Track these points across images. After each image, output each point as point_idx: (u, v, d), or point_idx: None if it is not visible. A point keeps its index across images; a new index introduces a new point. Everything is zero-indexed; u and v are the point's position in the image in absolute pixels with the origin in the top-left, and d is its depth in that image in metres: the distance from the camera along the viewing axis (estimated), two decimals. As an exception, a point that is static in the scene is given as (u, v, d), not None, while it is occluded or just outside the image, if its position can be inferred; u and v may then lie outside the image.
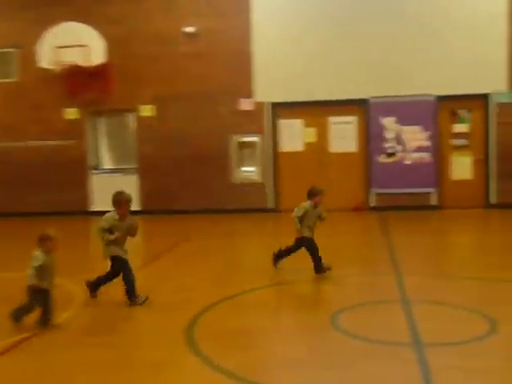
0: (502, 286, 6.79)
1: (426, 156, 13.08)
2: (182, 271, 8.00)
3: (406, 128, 13.09)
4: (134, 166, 14.15)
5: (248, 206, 13.55)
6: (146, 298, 6.27)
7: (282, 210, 13.46)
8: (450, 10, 12.88)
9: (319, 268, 7.31)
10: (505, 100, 12.73)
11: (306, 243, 7.40)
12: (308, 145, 13.59)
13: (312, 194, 7.44)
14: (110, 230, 6.24)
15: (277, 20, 13.38)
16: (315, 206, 7.39)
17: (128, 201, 6.33)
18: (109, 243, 6.24)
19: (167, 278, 7.62)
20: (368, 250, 9.56)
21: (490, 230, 11.79)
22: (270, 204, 13.67)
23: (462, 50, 12.77)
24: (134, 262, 6.63)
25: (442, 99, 12.93)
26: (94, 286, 6.49)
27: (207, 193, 13.74)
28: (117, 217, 6.28)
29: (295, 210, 7.42)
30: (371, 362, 4.60)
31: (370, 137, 13.24)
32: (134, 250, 10.41)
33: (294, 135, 13.59)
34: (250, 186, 13.70)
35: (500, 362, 4.59)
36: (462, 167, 13.19)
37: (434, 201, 13.17)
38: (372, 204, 13.36)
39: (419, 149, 13.09)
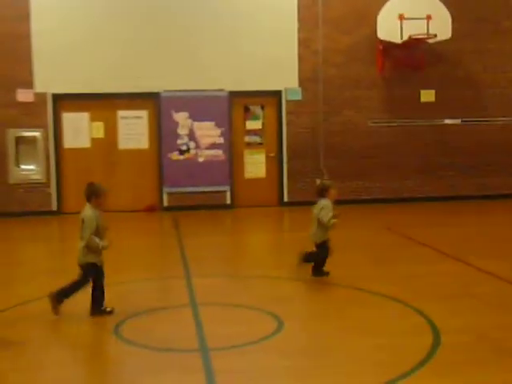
0: (289, 283, 7.24)
1: (219, 153, 13.48)
2: None
3: (199, 124, 13.37)
4: None
5: (29, 209, 12.93)
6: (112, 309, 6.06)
7: (67, 212, 13.06)
8: (244, 7, 13.36)
9: (319, 271, 7.30)
10: (295, 98, 13.56)
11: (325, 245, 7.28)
12: (95, 141, 13.29)
13: (325, 189, 7.27)
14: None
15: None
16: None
17: (105, 191, 6.12)
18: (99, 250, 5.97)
19: None
20: (158, 252, 9.64)
21: (283, 228, 12.51)
22: (54, 206, 13.18)
23: (255, 47, 13.32)
24: None
25: (236, 95, 13.41)
26: (59, 298, 5.98)
27: (-20, 195, 12.88)
28: (97, 212, 6.01)
29: (320, 212, 7.11)
30: (156, 373, 4.63)
31: (162, 133, 13.32)
32: None
33: (80, 130, 13.23)
34: (30, 187, 13.07)
35: (284, 360, 4.88)
36: (255, 165, 13.79)
37: (228, 199, 13.62)
38: (165, 204, 13.46)
39: (212, 146, 13.45)
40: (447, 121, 14.00)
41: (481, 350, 4.96)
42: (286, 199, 13.80)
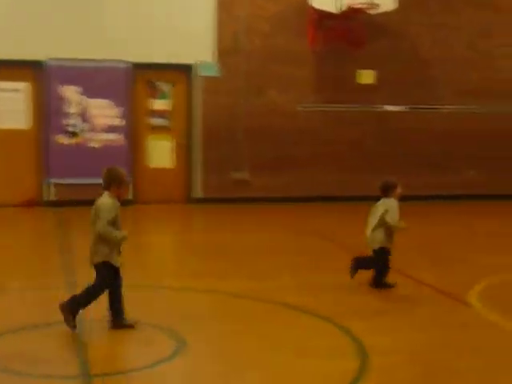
0: (194, 295, 7.22)
1: (118, 138, 13.35)
2: None
3: (93, 101, 13.21)
4: None
5: None
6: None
7: None
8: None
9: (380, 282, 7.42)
10: (209, 73, 13.52)
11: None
12: (-40, 118, 13.03)
13: (391, 186, 7.43)
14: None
15: None
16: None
17: (127, 179, 6.06)
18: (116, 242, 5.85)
19: None
20: (38, 257, 9.47)
21: (194, 229, 12.48)
22: None
23: (163, 9, 13.25)
24: None
25: (139, 68, 13.29)
26: (73, 308, 5.82)
27: None
28: (118, 203, 5.87)
29: (387, 213, 7.30)
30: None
31: (46, 111, 13.10)
32: None
33: None
34: None
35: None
36: (160, 153, 13.73)
37: (128, 193, 13.48)
38: (50, 197, 13.22)
39: (110, 128, 13.31)
40: (388, 107, 14.30)
41: (412, 373, 5.08)
42: (196, 195, 13.79)
